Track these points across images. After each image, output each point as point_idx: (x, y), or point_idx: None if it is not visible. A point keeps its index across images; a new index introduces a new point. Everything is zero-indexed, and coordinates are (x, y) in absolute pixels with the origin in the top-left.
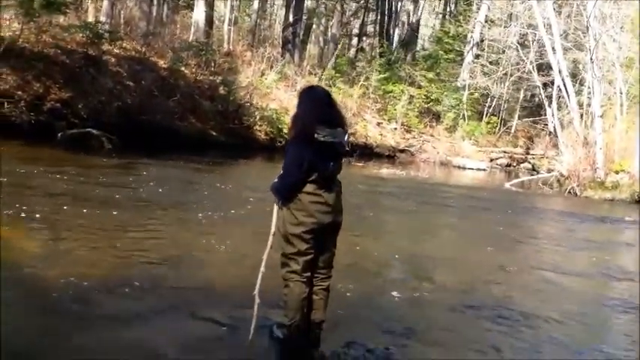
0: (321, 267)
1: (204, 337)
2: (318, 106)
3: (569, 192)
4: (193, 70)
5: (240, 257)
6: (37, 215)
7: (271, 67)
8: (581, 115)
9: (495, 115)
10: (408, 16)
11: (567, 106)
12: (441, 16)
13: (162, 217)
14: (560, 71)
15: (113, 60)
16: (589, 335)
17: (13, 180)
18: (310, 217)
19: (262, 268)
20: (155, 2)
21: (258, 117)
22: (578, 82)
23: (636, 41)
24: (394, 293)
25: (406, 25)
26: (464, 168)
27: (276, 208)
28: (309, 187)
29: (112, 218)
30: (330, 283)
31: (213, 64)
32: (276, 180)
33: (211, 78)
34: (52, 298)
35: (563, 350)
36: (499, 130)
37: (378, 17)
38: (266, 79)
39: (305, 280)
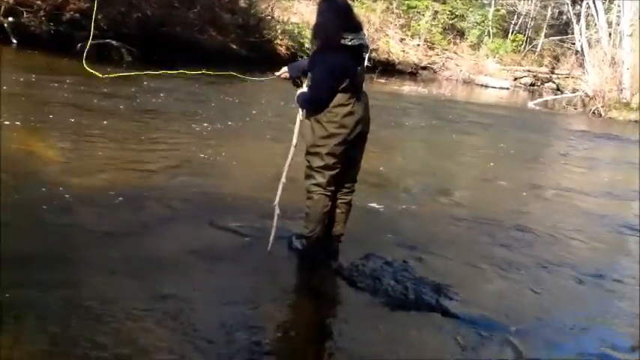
0: (345, 181)
1: (222, 246)
2: (339, 14)
3: (594, 112)
4: None
5: (256, 168)
6: (50, 124)
7: None
8: (610, 34)
9: (521, 33)
10: None
11: (596, 24)
12: None
13: (176, 128)
14: None
15: None
16: (594, 255)
17: (28, 90)
18: (342, 127)
19: (283, 179)
20: None
21: (279, 31)
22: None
23: None
24: (413, 207)
25: None
26: (487, 86)
27: (299, 119)
28: (340, 98)
29: (122, 128)
30: (353, 198)
31: None
32: (303, 91)
33: None
34: (68, 209)
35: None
36: (524, 48)
37: None
38: None
39: (329, 193)
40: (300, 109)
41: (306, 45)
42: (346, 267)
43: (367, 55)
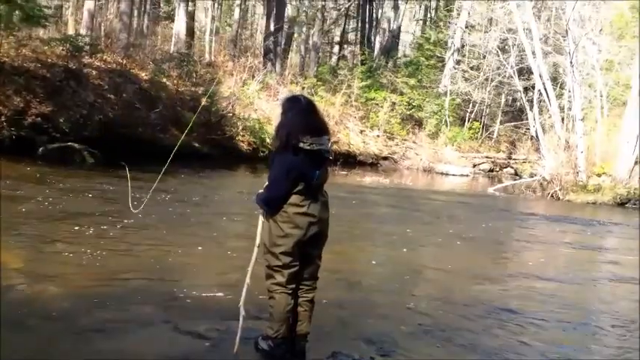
0: (306, 279)
1: (189, 351)
2: (302, 114)
3: (552, 196)
4: (175, 81)
5: (224, 268)
6: (18, 231)
7: (253, 76)
8: (563, 119)
9: (477, 121)
10: (389, 23)
11: (548, 110)
12: (421, 22)
13: (143, 230)
14: (540, 75)
15: (94, 73)
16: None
17: None
18: (296, 228)
19: (247, 280)
20: (135, 14)
21: (240, 127)
22: (558, 85)
23: (616, 44)
24: (378, 302)
25: (387, 32)
26: (447, 174)
27: (261, 219)
28: (294, 199)
29: (92, 231)
30: (315, 295)
31: (195, 75)
32: (261, 191)
33: (193, 89)
34: (36, 312)
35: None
36: (481, 135)
37: (359, 25)
38: (248, 89)
39: (290, 291)
40: (261, 210)
41: (268, 140)
42: None
43: (329, 156)
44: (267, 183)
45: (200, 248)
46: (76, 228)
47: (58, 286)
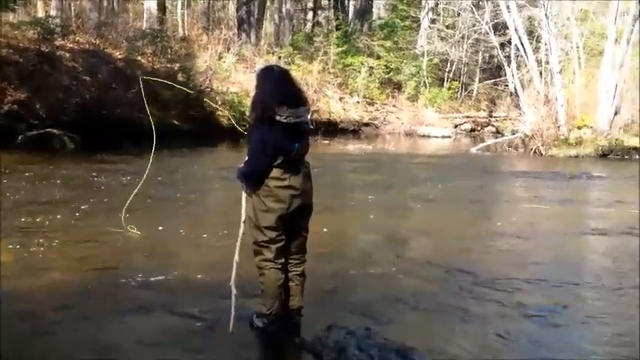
0: (294, 252)
1: (185, 334)
2: (277, 86)
3: (535, 152)
4: (150, 58)
5: (212, 247)
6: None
7: (228, 49)
8: (541, 73)
9: (456, 80)
10: None
11: (526, 64)
12: None
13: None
14: (516, 30)
15: (67, 55)
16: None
17: None
18: (278, 202)
19: (236, 257)
20: None
21: (219, 102)
22: (535, 39)
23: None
24: (370, 271)
25: None
26: (429, 136)
27: (244, 195)
28: (275, 172)
29: (73, 219)
30: (305, 268)
31: (169, 51)
32: (241, 166)
33: (169, 65)
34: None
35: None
36: (461, 94)
37: None
38: (224, 62)
39: (279, 266)
40: (243, 186)
41: (247, 113)
42: (310, 341)
43: (308, 128)
44: (246, 158)
45: (183, 228)
46: (59, 216)
47: (40, 279)
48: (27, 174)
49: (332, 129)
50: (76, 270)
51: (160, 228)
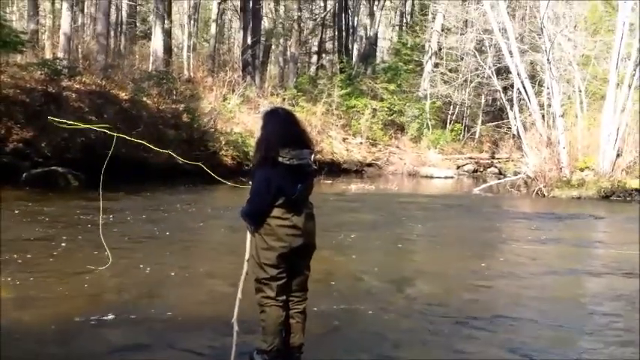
0: (295, 290)
1: None
2: (281, 127)
3: (537, 193)
4: (155, 99)
5: (214, 283)
6: (7, 258)
7: (233, 90)
8: (543, 116)
9: (459, 122)
10: (366, 30)
11: (528, 107)
12: (397, 27)
13: (132, 249)
14: (518, 74)
15: (74, 95)
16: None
17: None
18: (279, 241)
19: (239, 295)
20: (112, 34)
21: (223, 142)
22: (537, 83)
23: (592, 39)
24: (371, 309)
25: (364, 39)
26: (432, 177)
27: (248, 233)
28: (276, 212)
29: (81, 256)
30: (306, 306)
31: (174, 92)
32: (244, 205)
33: (174, 106)
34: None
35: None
36: (463, 136)
37: (336, 33)
38: (229, 103)
39: (281, 304)
40: (247, 224)
41: (251, 153)
42: None
43: (312, 170)
44: (249, 197)
45: (186, 264)
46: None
47: (33, 314)
48: (17, 211)
49: (335, 169)
50: (61, 308)
51: (155, 265)
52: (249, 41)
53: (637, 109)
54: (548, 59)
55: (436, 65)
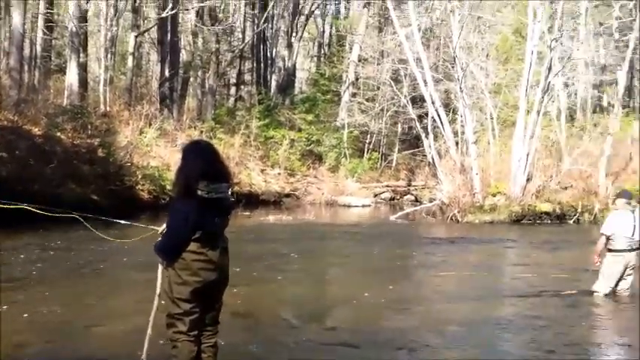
0: (207, 324)
1: None
2: (201, 160)
3: (452, 219)
4: (70, 134)
5: (124, 320)
6: None
7: (150, 124)
8: (457, 143)
9: (376, 151)
10: (284, 61)
11: (443, 135)
12: (316, 58)
13: (40, 293)
14: (433, 102)
15: None
16: None
17: None
18: (194, 275)
19: (149, 331)
20: (26, 68)
21: (139, 176)
22: (451, 111)
23: (503, 68)
24: (290, 341)
25: (283, 70)
26: (349, 206)
27: (160, 268)
28: (193, 246)
29: None
30: (217, 340)
31: (90, 127)
32: (159, 239)
33: (89, 141)
34: None
35: None
36: (381, 165)
37: (255, 65)
38: (145, 136)
39: (193, 338)
40: (160, 259)
41: (168, 187)
42: None
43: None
44: (164, 229)
45: (97, 301)
46: None
47: None
48: None
49: (253, 200)
50: None
51: (74, 304)
52: (166, 74)
53: (546, 134)
54: (460, 88)
55: (353, 95)
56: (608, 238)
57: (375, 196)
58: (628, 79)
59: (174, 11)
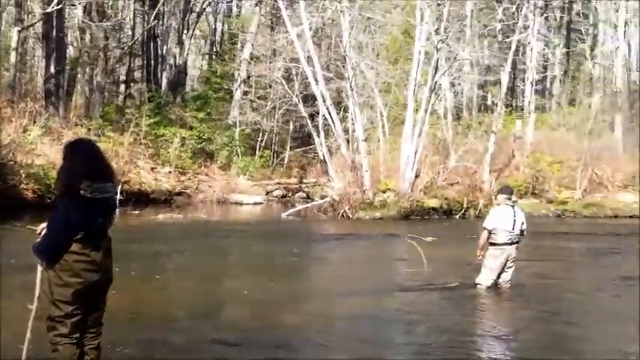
0: (90, 326)
1: None
2: (83, 160)
3: (343, 215)
4: None
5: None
6: None
7: (34, 121)
8: (348, 141)
9: (268, 149)
10: (175, 58)
11: (334, 133)
12: (207, 56)
13: None
14: (324, 101)
15: None
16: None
17: None
18: (76, 277)
19: (28, 335)
20: None
21: (23, 175)
22: (342, 109)
23: (392, 67)
24: (179, 339)
25: (174, 68)
26: (241, 204)
27: (39, 270)
28: (74, 247)
29: None
30: (101, 341)
31: None
32: (38, 240)
33: None
34: None
35: None
36: (273, 162)
37: (145, 62)
38: (29, 134)
39: (75, 341)
40: (39, 260)
41: (54, 186)
42: None
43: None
44: (44, 229)
45: None
46: None
47: None
48: None
49: (143, 199)
50: None
51: None
52: (52, 70)
53: (433, 132)
54: (351, 86)
55: (245, 93)
56: (490, 233)
57: (267, 193)
58: (510, 79)
59: (59, 6)
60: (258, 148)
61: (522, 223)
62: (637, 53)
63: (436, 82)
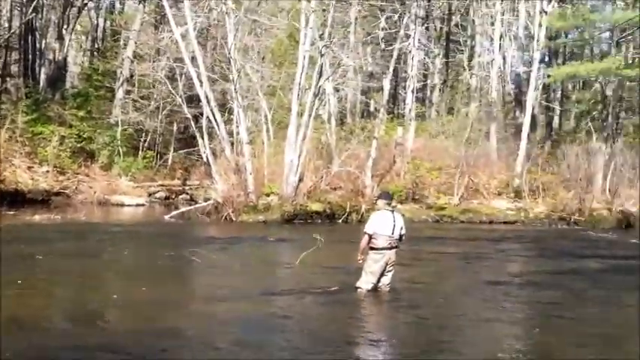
0: None
1: None
2: None
3: (226, 218)
4: None
5: None
6: None
7: None
8: (232, 143)
9: (151, 150)
10: (54, 53)
11: (218, 135)
12: (89, 53)
13: None
14: (208, 102)
15: None
16: None
17: None
18: None
19: None
20: None
21: None
22: (227, 111)
23: (277, 71)
24: (61, 345)
25: (53, 64)
26: (123, 205)
27: None
28: None
29: None
30: None
31: None
32: None
33: None
34: None
35: None
36: (156, 163)
37: (22, 56)
38: None
39: None
40: None
41: None
42: None
43: None
44: None
45: None
46: None
47: None
48: None
49: (19, 199)
50: None
51: None
52: None
53: (317, 136)
54: (235, 88)
55: (128, 92)
56: (370, 237)
57: (150, 195)
58: (392, 86)
59: None
60: (140, 148)
61: (402, 228)
62: (510, 66)
63: (320, 86)
